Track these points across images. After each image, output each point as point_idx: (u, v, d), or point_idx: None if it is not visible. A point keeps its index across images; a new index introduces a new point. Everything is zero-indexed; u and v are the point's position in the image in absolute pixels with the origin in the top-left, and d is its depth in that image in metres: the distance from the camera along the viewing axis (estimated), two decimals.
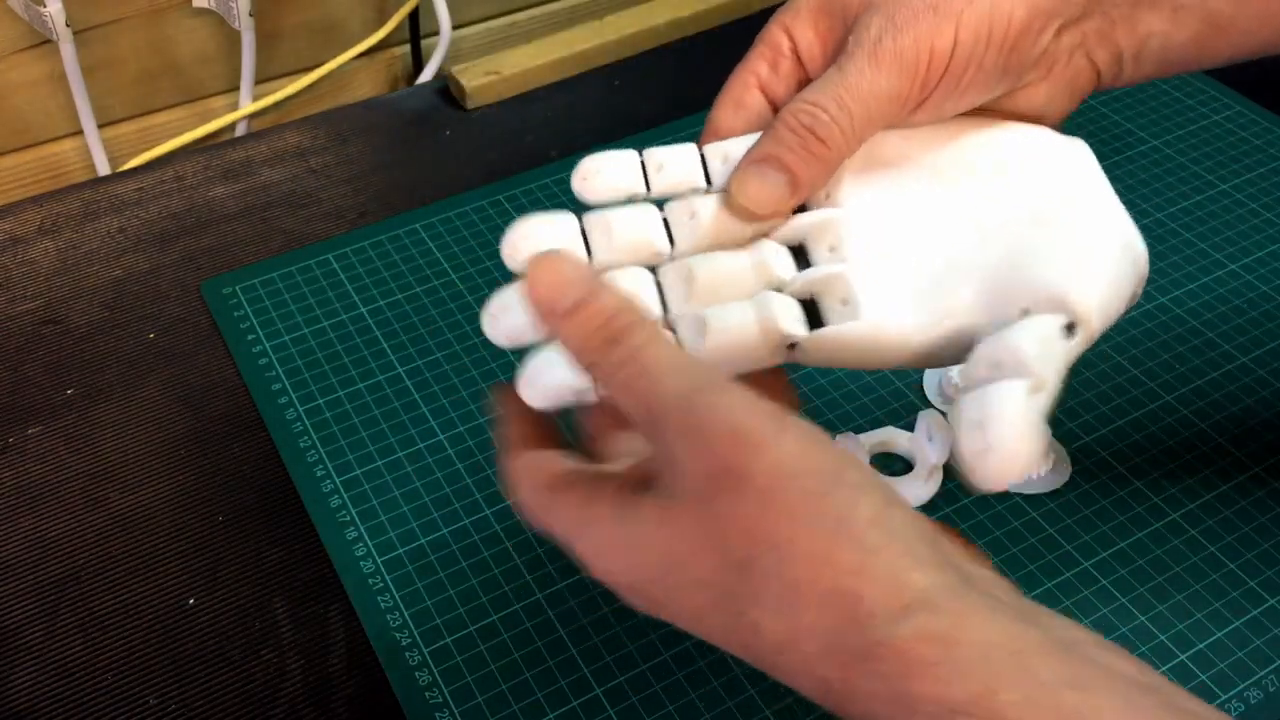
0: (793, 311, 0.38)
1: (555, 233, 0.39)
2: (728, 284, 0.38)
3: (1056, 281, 0.36)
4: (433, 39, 0.92)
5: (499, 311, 0.37)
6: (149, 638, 0.51)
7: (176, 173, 0.76)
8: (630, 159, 0.40)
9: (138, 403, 0.61)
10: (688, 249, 0.39)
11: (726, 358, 0.37)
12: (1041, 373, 0.34)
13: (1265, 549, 0.54)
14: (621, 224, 0.39)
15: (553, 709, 0.48)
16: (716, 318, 0.37)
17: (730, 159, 0.40)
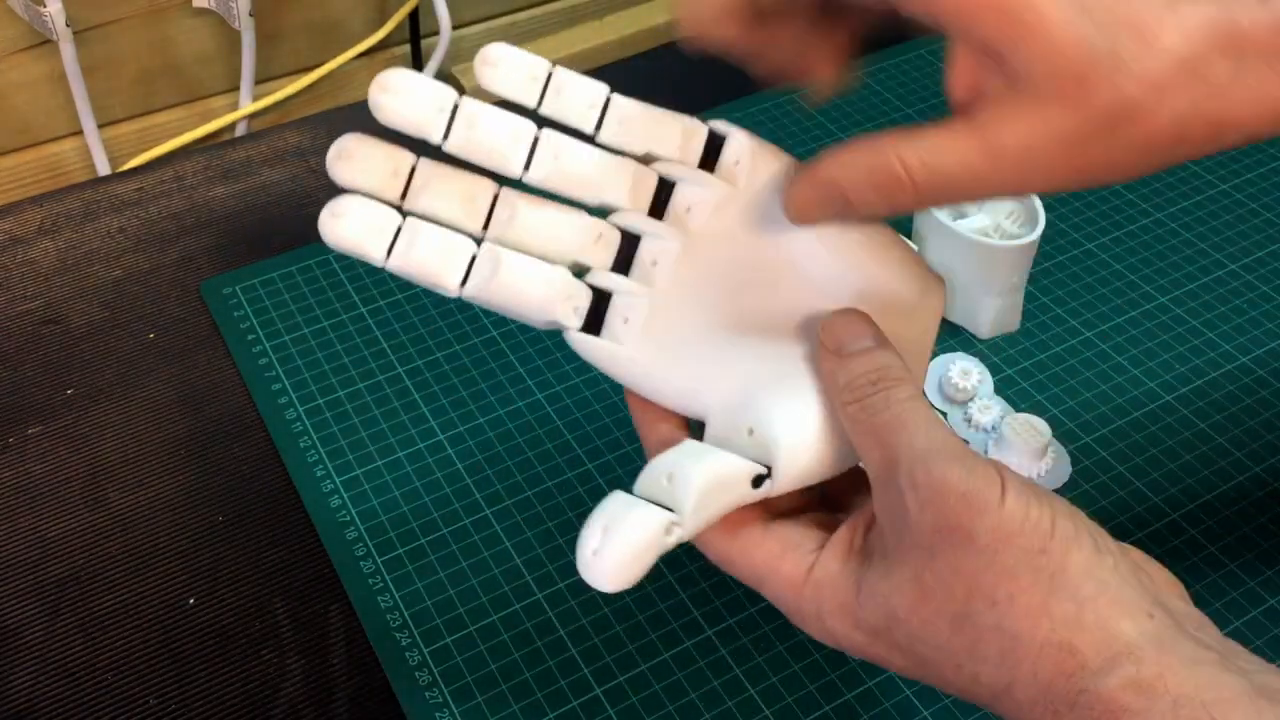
0: (575, 301, 0.39)
1: (427, 97, 0.39)
2: (545, 238, 0.39)
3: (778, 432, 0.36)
4: (433, 39, 0.92)
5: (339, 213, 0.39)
6: (149, 638, 0.51)
7: (176, 173, 0.76)
8: (537, 68, 0.40)
9: (138, 403, 0.61)
10: (538, 180, 0.39)
11: (503, 304, 0.38)
12: (689, 522, 0.35)
13: (1265, 549, 0.54)
14: (487, 124, 0.39)
15: (553, 709, 0.48)
16: (510, 264, 0.38)
17: (627, 123, 0.40)
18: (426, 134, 0.39)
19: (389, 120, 0.39)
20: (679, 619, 0.51)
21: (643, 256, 0.40)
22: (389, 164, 0.39)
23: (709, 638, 0.51)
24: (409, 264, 0.38)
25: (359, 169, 0.39)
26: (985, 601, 0.32)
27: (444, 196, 0.39)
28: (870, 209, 0.37)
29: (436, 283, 0.39)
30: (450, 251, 0.38)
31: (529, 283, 0.38)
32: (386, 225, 0.39)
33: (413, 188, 0.39)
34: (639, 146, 0.41)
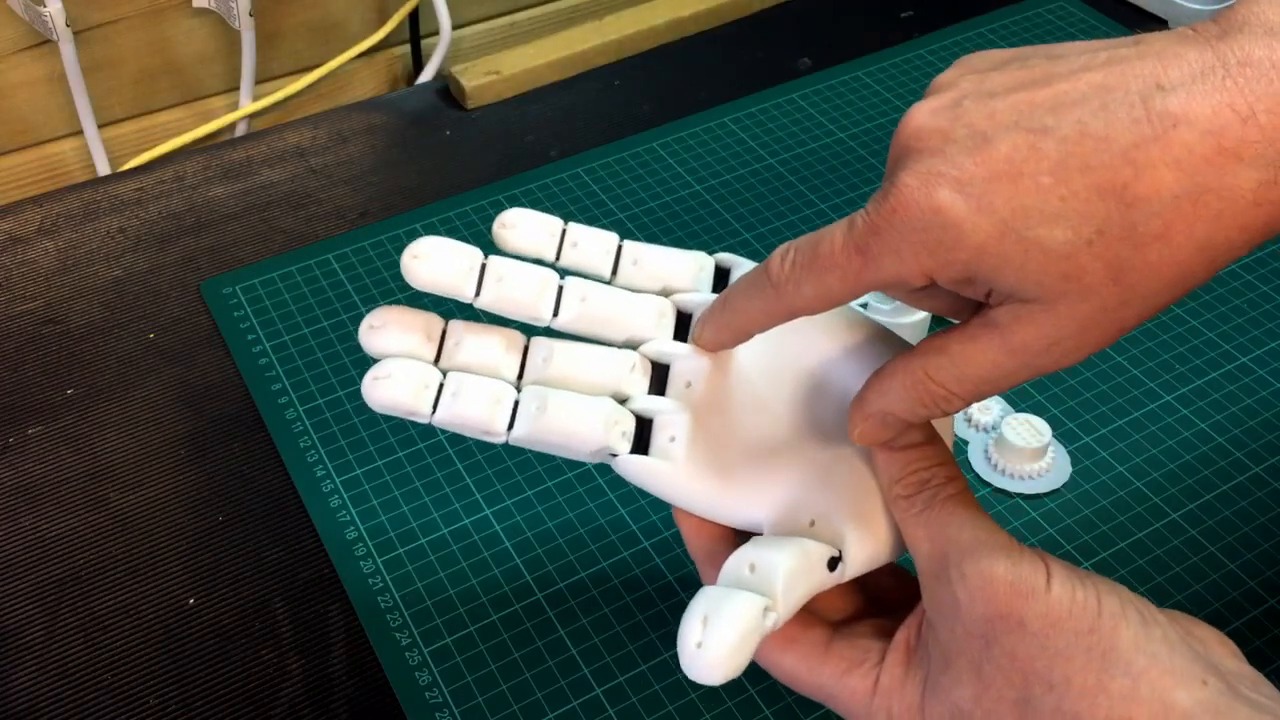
0: (623, 426, 0.40)
1: (457, 259, 0.41)
2: (583, 374, 0.41)
3: (844, 517, 0.38)
4: (433, 39, 0.92)
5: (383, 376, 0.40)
6: (149, 638, 0.51)
7: (176, 173, 0.76)
8: (551, 226, 0.43)
9: (138, 403, 0.61)
10: (567, 324, 0.42)
11: (553, 443, 0.40)
12: (782, 605, 0.36)
13: (1265, 549, 0.54)
14: (515, 278, 0.41)
15: (553, 709, 0.48)
16: (556, 401, 0.39)
17: (641, 263, 0.43)
18: (460, 293, 0.41)
19: (423, 284, 0.41)
20: (679, 619, 0.51)
21: (675, 380, 0.41)
22: (422, 327, 0.41)
23: None
24: (456, 416, 0.40)
25: (394, 336, 0.41)
26: (1043, 685, 0.33)
27: (479, 350, 0.41)
28: (926, 420, 0.38)
29: (486, 429, 0.40)
30: (495, 398, 0.40)
31: (577, 415, 0.39)
32: (430, 382, 0.40)
33: (447, 346, 0.41)
34: (655, 284, 0.43)
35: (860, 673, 0.38)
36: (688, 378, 0.41)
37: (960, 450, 0.58)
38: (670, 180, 0.74)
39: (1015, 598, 0.34)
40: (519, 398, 0.40)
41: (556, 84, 0.83)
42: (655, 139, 0.77)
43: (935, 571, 0.36)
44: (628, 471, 0.40)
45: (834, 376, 0.41)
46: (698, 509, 0.40)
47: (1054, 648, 0.33)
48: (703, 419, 0.40)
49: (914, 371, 0.36)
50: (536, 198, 0.73)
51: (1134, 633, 0.33)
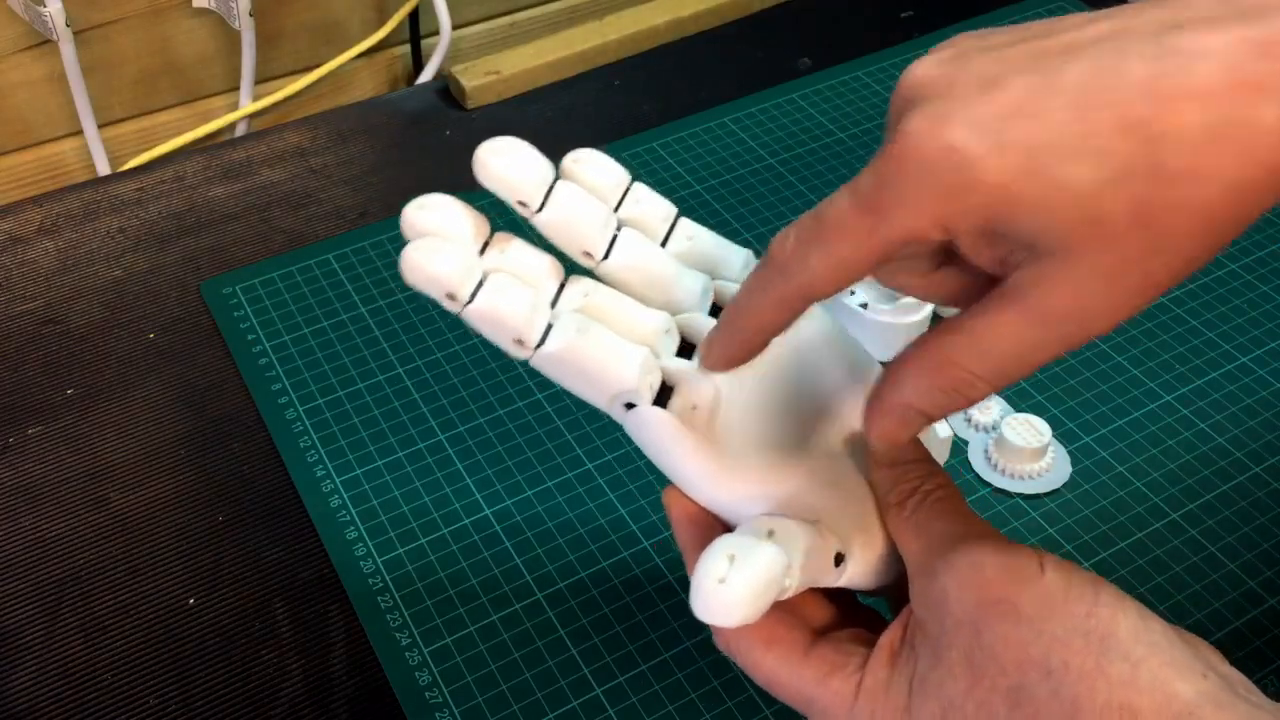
0: (652, 378, 0.38)
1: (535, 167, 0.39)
2: (620, 318, 0.39)
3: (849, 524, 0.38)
4: (433, 39, 0.92)
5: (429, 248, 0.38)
6: (149, 638, 0.51)
7: (176, 173, 0.76)
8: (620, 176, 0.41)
9: (138, 403, 0.61)
10: (610, 272, 0.40)
11: (581, 372, 0.38)
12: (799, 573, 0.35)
13: (1265, 549, 0.54)
14: (581, 206, 0.40)
15: (553, 709, 0.48)
16: (599, 330, 0.38)
17: (695, 240, 0.42)
18: (527, 197, 0.39)
19: (494, 176, 0.39)
20: (679, 619, 0.51)
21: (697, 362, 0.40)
22: (472, 222, 0.39)
23: (708, 638, 0.51)
24: (496, 309, 0.37)
25: (441, 218, 0.39)
26: (1039, 671, 0.32)
27: (523, 262, 0.39)
28: (949, 412, 0.35)
29: (521, 333, 0.38)
30: (534, 306, 0.38)
31: (616, 349, 0.38)
32: (474, 268, 0.38)
33: (491, 252, 0.39)
34: (701, 264, 0.42)
35: (843, 675, 0.36)
36: None
37: (960, 450, 0.58)
38: (670, 180, 0.74)
39: (1007, 582, 0.33)
40: (553, 321, 0.38)
41: (556, 84, 0.83)
42: (655, 139, 0.77)
43: (924, 567, 0.35)
44: (645, 423, 0.38)
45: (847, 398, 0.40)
46: (698, 488, 0.38)
47: (1050, 632, 0.32)
48: (725, 398, 0.39)
49: (931, 356, 0.33)
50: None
51: (1133, 622, 0.32)
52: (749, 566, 0.33)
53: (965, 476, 0.57)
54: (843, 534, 0.37)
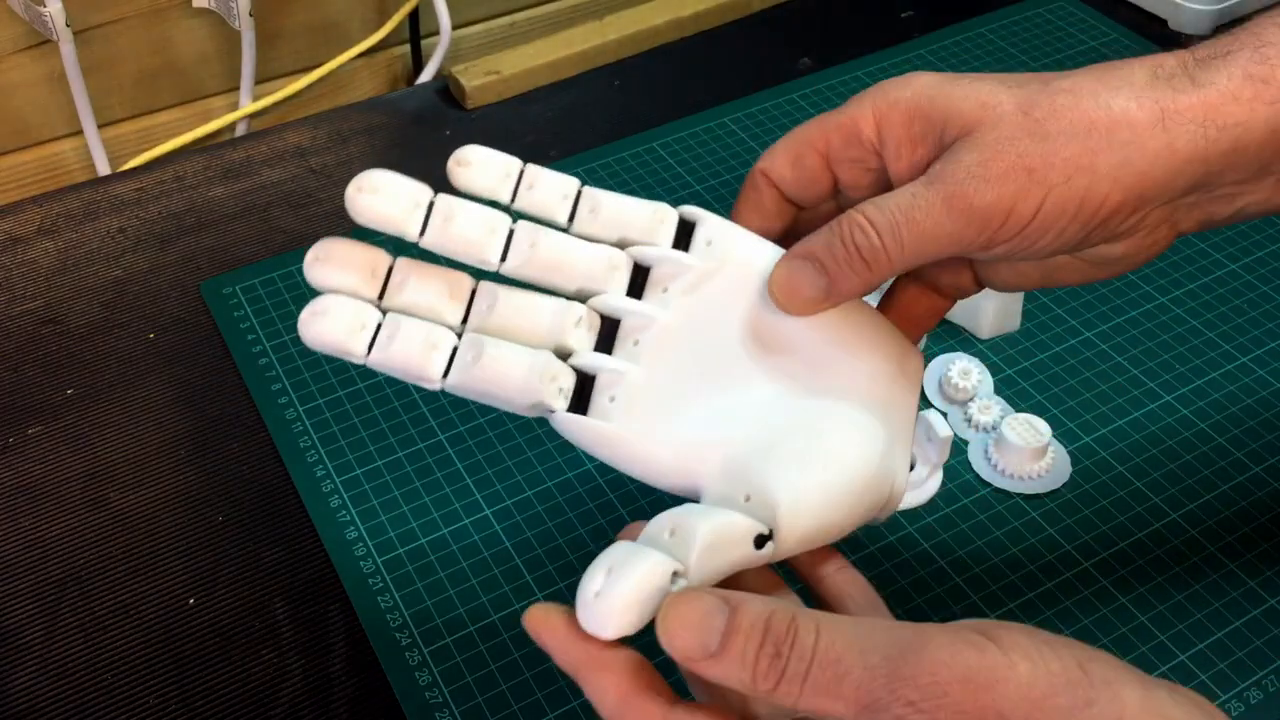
0: (560, 381, 0.38)
1: (403, 195, 0.39)
2: (523, 325, 0.39)
3: (778, 496, 0.36)
4: (433, 39, 0.92)
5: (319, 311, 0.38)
6: (149, 638, 0.51)
7: (176, 173, 0.76)
8: (510, 166, 0.41)
9: (138, 403, 0.61)
10: (514, 270, 0.40)
11: (488, 392, 0.38)
12: (695, 571, 0.34)
13: (1265, 549, 0.54)
14: (463, 218, 0.40)
15: (553, 709, 0.48)
16: (492, 352, 0.38)
17: (598, 210, 0.41)
18: (404, 231, 0.39)
19: (367, 219, 0.39)
20: None
21: (624, 336, 0.40)
22: (366, 264, 0.39)
23: None
24: (390, 358, 0.38)
25: (336, 270, 0.39)
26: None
27: (423, 292, 0.39)
28: (849, 279, 0.38)
29: (419, 374, 0.38)
30: (431, 344, 0.38)
31: (511, 366, 0.38)
32: (368, 321, 0.38)
33: (391, 285, 0.39)
34: (612, 234, 0.41)
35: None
36: (636, 335, 0.40)
37: (960, 450, 0.58)
38: (670, 180, 0.74)
39: (981, 693, 0.29)
40: (458, 344, 0.39)
41: (556, 84, 0.83)
42: (655, 139, 0.77)
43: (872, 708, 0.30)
44: (563, 430, 0.39)
45: (793, 347, 0.39)
46: (635, 473, 0.39)
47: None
48: (646, 381, 0.39)
49: (846, 216, 0.38)
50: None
51: (1139, 699, 0.29)
52: (624, 579, 0.34)
53: (965, 476, 0.57)
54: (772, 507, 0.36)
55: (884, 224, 0.38)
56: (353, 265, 0.39)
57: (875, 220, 0.38)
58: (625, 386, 0.39)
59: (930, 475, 0.56)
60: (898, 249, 0.38)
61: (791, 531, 0.36)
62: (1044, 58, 0.83)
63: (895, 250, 0.38)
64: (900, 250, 0.38)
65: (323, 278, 0.39)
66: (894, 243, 0.38)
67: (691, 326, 0.40)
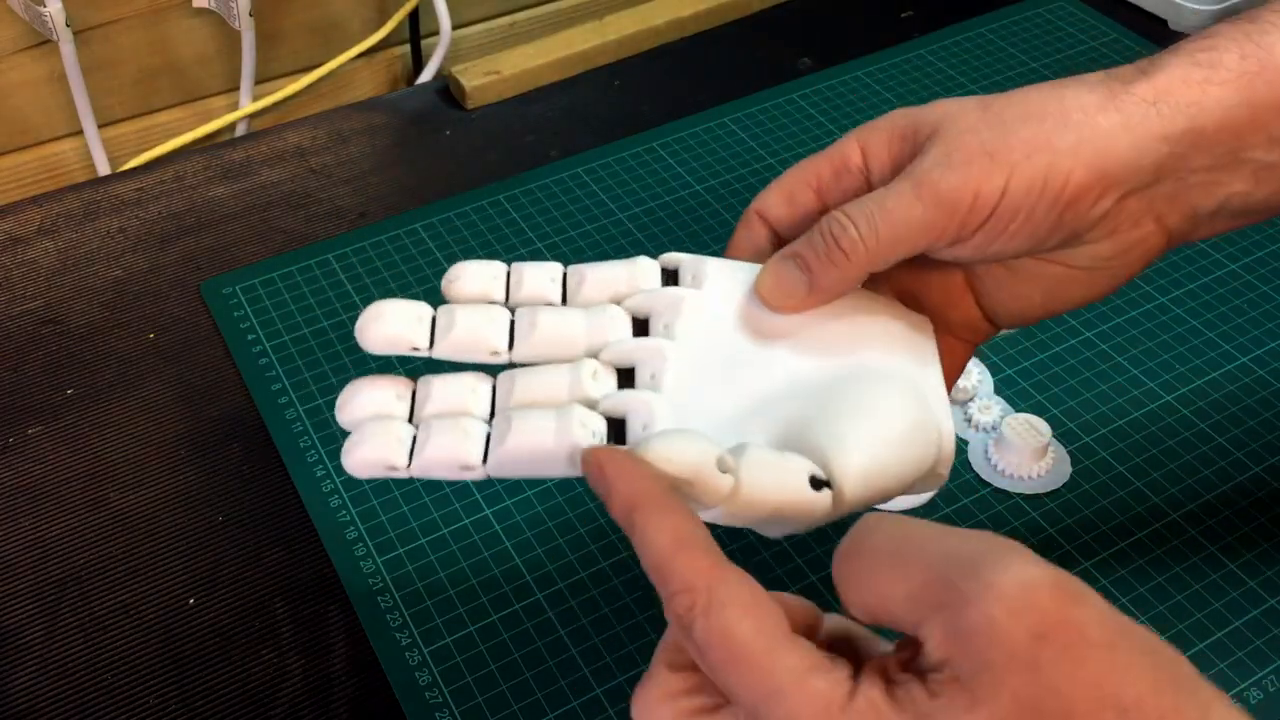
0: (590, 425, 0.39)
1: (406, 316, 0.41)
2: (544, 394, 0.40)
3: (828, 450, 0.37)
4: (433, 39, 0.92)
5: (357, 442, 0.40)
6: (149, 638, 0.51)
7: (176, 173, 0.76)
8: (496, 270, 0.43)
9: (138, 403, 0.61)
10: (524, 354, 0.41)
11: (527, 459, 0.39)
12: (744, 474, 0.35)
13: (1265, 549, 0.54)
14: (464, 320, 0.41)
15: (553, 709, 0.48)
16: (520, 422, 0.39)
17: (585, 282, 0.43)
18: (415, 348, 0.41)
19: (378, 346, 0.41)
20: None
21: (641, 373, 0.41)
22: (391, 391, 0.41)
23: None
24: (428, 461, 0.39)
25: (364, 406, 0.41)
26: (1114, 712, 0.27)
27: (447, 397, 0.41)
28: (830, 273, 0.40)
29: (462, 466, 0.39)
30: (465, 435, 0.39)
31: (542, 427, 0.39)
32: (404, 437, 0.40)
33: (417, 402, 0.41)
34: (604, 296, 0.43)
35: (829, 677, 0.29)
36: (651, 370, 0.41)
37: (960, 450, 0.58)
38: (670, 180, 0.74)
39: (1067, 602, 0.28)
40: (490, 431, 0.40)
41: (556, 84, 0.83)
42: (655, 139, 0.77)
43: (939, 600, 0.29)
44: None
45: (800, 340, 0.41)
46: None
47: (1122, 662, 0.27)
48: (674, 402, 0.40)
49: (825, 216, 0.40)
50: (536, 198, 0.73)
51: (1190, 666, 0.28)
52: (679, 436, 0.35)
53: (965, 476, 0.57)
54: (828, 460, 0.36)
55: (860, 216, 0.39)
56: (379, 395, 0.41)
57: (851, 214, 0.40)
58: (654, 412, 0.39)
59: None
60: (874, 239, 0.39)
61: (847, 474, 0.36)
62: (1044, 58, 0.83)
63: (872, 240, 0.39)
64: (876, 240, 0.39)
65: (353, 415, 0.41)
66: (870, 232, 0.39)
67: (700, 347, 0.41)
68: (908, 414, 0.39)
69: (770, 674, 0.29)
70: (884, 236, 0.39)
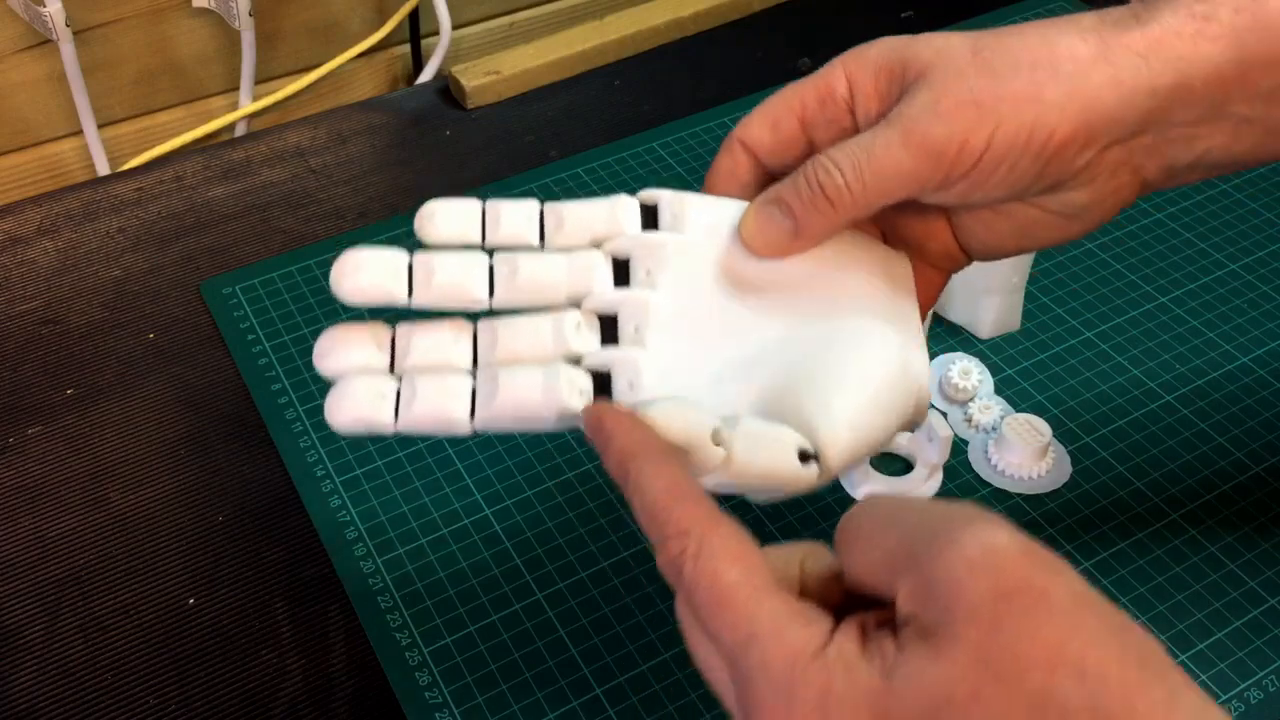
0: (578, 384, 0.39)
1: (382, 267, 0.41)
2: (528, 347, 0.40)
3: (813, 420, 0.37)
4: (433, 39, 0.92)
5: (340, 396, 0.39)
6: (149, 638, 0.51)
7: (176, 173, 0.76)
8: (471, 208, 0.42)
9: (138, 403, 0.61)
10: (505, 300, 0.41)
11: (515, 417, 0.39)
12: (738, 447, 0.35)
13: (1265, 549, 0.54)
14: (443, 268, 0.41)
15: (553, 709, 0.48)
16: (507, 379, 0.39)
17: (564, 221, 0.42)
18: (392, 299, 0.41)
19: (355, 299, 0.41)
20: None
21: (624, 326, 0.41)
22: (369, 339, 0.41)
23: None
24: (415, 419, 0.39)
25: (344, 357, 0.41)
26: (1073, 675, 0.27)
27: (429, 348, 0.41)
28: (815, 219, 0.40)
29: (448, 425, 0.39)
30: (451, 392, 0.40)
31: (528, 385, 0.39)
32: (386, 392, 0.40)
33: (398, 351, 0.41)
34: (583, 239, 0.42)
35: (807, 630, 0.30)
36: (635, 322, 0.41)
37: (960, 450, 0.58)
38: (670, 180, 0.74)
39: (1034, 567, 0.28)
40: (475, 384, 0.40)
41: (556, 84, 0.83)
42: (655, 139, 0.77)
43: (911, 556, 0.30)
44: None
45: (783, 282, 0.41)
46: None
47: (1088, 630, 0.27)
48: (658, 359, 0.40)
49: (811, 159, 0.40)
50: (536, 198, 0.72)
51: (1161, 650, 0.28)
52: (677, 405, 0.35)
53: (965, 476, 0.57)
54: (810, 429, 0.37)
55: (846, 162, 0.39)
56: (357, 345, 0.41)
57: (838, 159, 0.39)
58: (639, 369, 0.40)
59: (930, 476, 0.56)
60: (860, 186, 0.39)
61: (833, 445, 0.37)
62: None
63: (858, 187, 0.39)
64: (863, 188, 0.39)
65: (334, 366, 0.40)
66: (856, 180, 0.39)
67: (684, 296, 0.41)
68: (889, 374, 0.39)
69: (750, 620, 0.30)
70: (870, 185, 0.39)
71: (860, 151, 0.39)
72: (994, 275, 0.60)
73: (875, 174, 0.39)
